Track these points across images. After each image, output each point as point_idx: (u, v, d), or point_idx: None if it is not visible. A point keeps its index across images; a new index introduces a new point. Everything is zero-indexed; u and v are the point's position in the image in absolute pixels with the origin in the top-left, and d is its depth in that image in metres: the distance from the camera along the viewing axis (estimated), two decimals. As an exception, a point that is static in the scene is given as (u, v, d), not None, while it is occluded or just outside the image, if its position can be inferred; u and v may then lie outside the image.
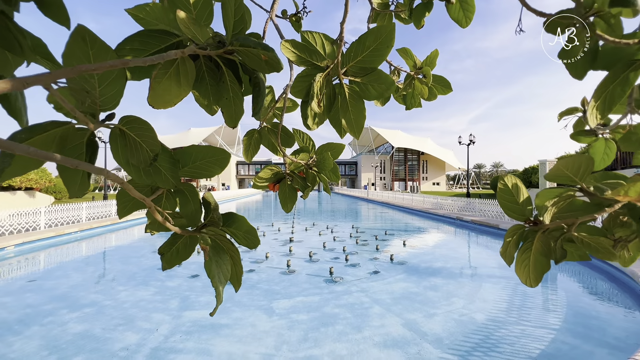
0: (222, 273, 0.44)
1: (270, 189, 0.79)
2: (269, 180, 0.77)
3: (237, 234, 0.52)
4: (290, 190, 0.76)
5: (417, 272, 6.38)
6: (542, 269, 0.43)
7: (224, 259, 0.46)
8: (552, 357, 3.30)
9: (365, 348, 3.48)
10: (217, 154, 0.47)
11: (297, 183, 0.76)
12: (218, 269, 0.44)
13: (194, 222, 0.49)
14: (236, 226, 0.52)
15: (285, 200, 0.77)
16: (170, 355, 3.36)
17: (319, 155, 0.73)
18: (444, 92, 0.83)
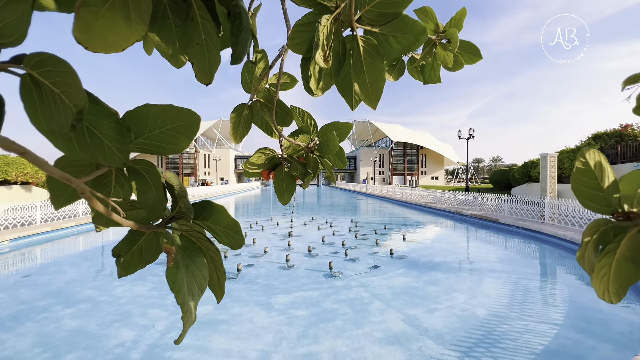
0: (196, 282, 0.34)
1: (264, 178, 0.68)
2: (262, 166, 0.66)
3: (215, 229, 0.40)
4: (287, 178, 0.65)
5: (417, 267, 6.32)
6: (627, 279, 0.32)
7: (198, 262, 0.35)
8: (556, 353, 3.24)
9: (366, 344, 3.42)
10: (183, 116, 0.33)
11: (295, 170, 0.65)
12: (190, 277, 0.33)
13: (156, 214, 0.37)
14: (214, 219, 0.40)
15: (281, 191, 0.66)
16: (166, 352, 3.29)
17: (322, 136, 0.61)
18: (471, 61, 0.71)
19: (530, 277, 5.79)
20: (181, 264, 0.32)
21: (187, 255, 0.35)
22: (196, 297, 0.34)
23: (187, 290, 0.32)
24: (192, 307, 0.33)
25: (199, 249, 0.37)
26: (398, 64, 0.71)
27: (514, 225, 10.53)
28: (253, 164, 0.65)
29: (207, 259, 0.37)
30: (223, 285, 0.40)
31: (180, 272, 0.32)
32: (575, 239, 7.76)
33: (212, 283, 0.38)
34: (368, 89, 0.45)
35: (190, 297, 0.33)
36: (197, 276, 0.35)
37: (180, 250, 0.34)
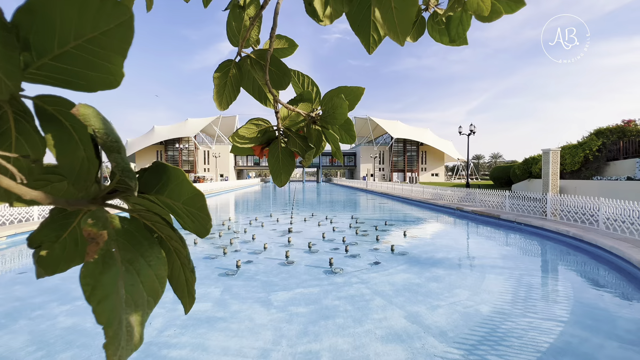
0: (144, 286, 0.23)
1: (256, 154, 0.57)
2: (254, 140, 0.55)
3: (174, 207, 0.28)
4: (284, 155, 0.55)
5: (418, 263, 6.24)
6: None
7: (150, 257, 0.25)
8: (562, 351, 3.16)
9: (367, 342, 3.34)
10: (107, 15, 0.20)
11: (294, 144, 0.54)
12: (132, 278, 0.23)
13: (83, 184, 0.25)
14: (171, 192, 0.27)
15: (277, 170, 0.55)
16: (163, 350, 3.20)
17: (328, 102, 0.51)
18: (511, 9, 0.60)
19: (533, 274, 5.71)
20: (117, 259, 0.22)
21: (130, 246, 0.25)
22: (142, 308, 0.24)
23: (124, 299, 0.22)
24: (134, 325, 0.22)
25: (153, 237, 0.27)
26: (417, 21, 0.60)
27: (515, 222, 10.44)
28: (243, 138, 0.54)
29: (166, 253, 0.27)
30: (193, 290, 0.30)
31: (110, 272, 0.21)
32: (578, 235, 7.67)
33: (177, 286, 0.29)
34: (393, 15, 0.33)
35: (131, 310, 0.23)
36: (147, 277, 0.25)
37: (120, 238, 0.24)
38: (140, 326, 0.23)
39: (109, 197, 0.25)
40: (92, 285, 0.19)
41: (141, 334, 0.23)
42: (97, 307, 0.20)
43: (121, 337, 0.21)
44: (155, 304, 0.25)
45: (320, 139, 0.53)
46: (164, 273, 0.26)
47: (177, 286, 0.30)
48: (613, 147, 16.94)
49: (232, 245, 7.81)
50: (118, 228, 0.23)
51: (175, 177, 0.25)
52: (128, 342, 0.22)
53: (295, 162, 0.57)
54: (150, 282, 0.25)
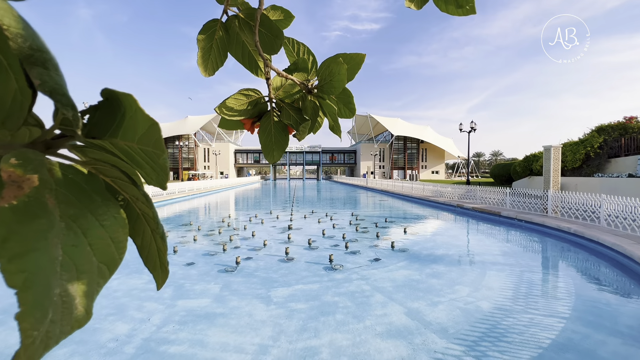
0: (94, 250, 0.19)
1: (246, 128, 0.52)
2: (244, 113, 0.50)
3: (129, 151, 0.23)
4: (277, 129, 0.50)
5: (419, 260, 6.21)
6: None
7: (103, 215, 0.20)
8: (564, 347, 3.14)
9: (367, 338, 3.31)
10: None
11: (288, 117, 0.50)
12: (76, 239, 0.17)
13: (16, 122, 0.20)
14: (125, 130, 0.22)
15: (269, 146, 0.51)
16: (162, 346, 3.18)
17: (325, 70, 0.46)
18: None
19: (534, 270, 5.68)
20: (53, 212, 0.18)
21: (76, 201, 0.20)
22: (89, 276, 0.19)
23: (60, 261, 0.18)
24: (76, 295, 0.18)
25: (107, 193, 0.22)
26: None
27: (516, 219, 10.41)
28: (231, 110, 0.49)
29: (135, 220, 0.23)
30: (165, 260, 0.26)
31: (36, 224, 0.16)
32: (579, 231, 7.64)
33: (148, 259, 0.25)
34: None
35: (71, 276, 0.18)
36: (98, 240, 0.20)
37: (62, 189, 0.19)
38: (86, 298, 0.19)
39: (53, 145, 0.21)
40: (3, 236, 0.15)
41: (87, 308, 0.19)
42: (8, 264, 0.16)
43: (48, 307, 0.16)
44: (110, 273, 0.21)
45: (317, 112, 0.48)
46: (123, 237, 0.22)
47: (149, 258, 0.26)
48: (614, 144, 16.86)
49: (231, 241, 7.79)
50: (58, 177, 0.19)
51: (130, 107, 0.20)
52: (64, 316, 0.17)
53: (289, 138, 0.53)
54: (103, 246, 0.21)
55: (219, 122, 0.52)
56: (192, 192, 24.45)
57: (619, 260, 6.01)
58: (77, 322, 0.18)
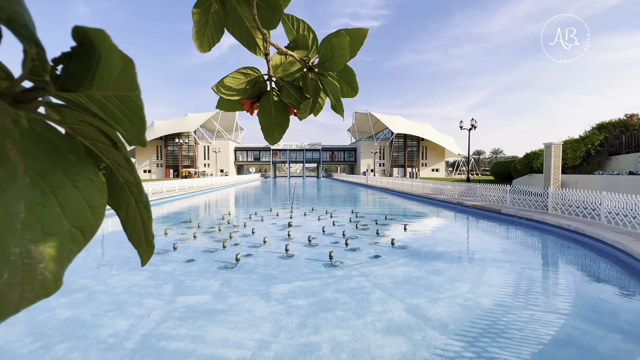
0: (66, 213, 0.17)
1: (245, 109, 0.51)
2: (242, 92, 0.48)
3: (105, 102, 0.21)
4: (277, 110, 0.48)
5: (419, 257, 6.21)
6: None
7: (80, 176, 0.18)
8: (564, 343, 3.13)
9: (367, 334, 3.31)
10: None
11: (288, 96, 0.48)
12: (42, 198, 0.15)
13: None
14: (100, 76, 0.20)
15: (269, 126, 0.49)
16: (162, 342, 3.18)
17: (326, 46, 0.44)
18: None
19: (534, 267, 5.67)
20: (16, 165, 0.16)
21: (45, 156, 0.18)
22: (60, 240, 0.17)
23: (23, 219, 0.16)
24: (42, 259, 0.16)
25: (85, 155, 0.20)
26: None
27: (516, 216, 10.40)
28: (229, 89, 0.47)
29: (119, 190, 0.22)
30: (150, 234, 0.24)
31: None
32: (579, 228, 7.63)
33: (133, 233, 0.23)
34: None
35: (36, 237, 0.16)
36: (71, 201, 0.18)
37: (27, 142, 0.17)
38: (55, 264, 0.17)
39: (23, 98, 0.19)
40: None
41: (56, 275, 0.17)
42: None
43: (2, 266, 0.15)
44: (85, 239, 0.19)
45: (318, 90, 0.46)
46: (101, 202, 0.20)
47: (133, 232, 0.24)
48: (615, 142, 16.82)
49: (231, 239, 7.78)
50: (25, 129, 0.17)
51: (103, 47, 0.18)
52: (25, 280, 0.16)
53: (289, 118, 0.51)
54: (77, 209, 0.19)
55: (217, 103, 0.51)
56: (192, 190, 24.44)
57: (619, 257, 6.00)
58: (43, 290, 0.16)
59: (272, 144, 0.52)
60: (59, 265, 0.17)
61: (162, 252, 6.46)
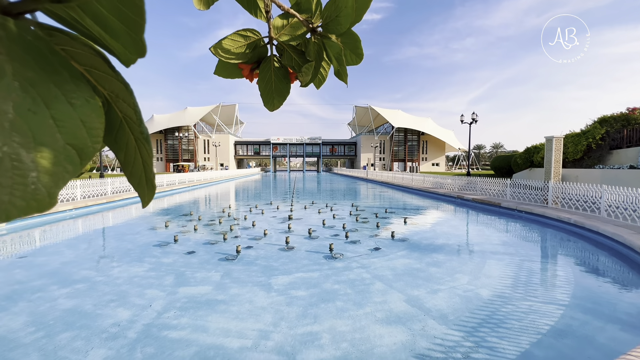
0: (60, 127, 0.15)
1: (244, 75, 0.49)
2: (242, 56, 0.46)
3: (100, 10, 0.19)
4: (278, 76, 0.47)
5: (419, 249, 6.23)
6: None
7: (74, 93, 0.17)
8: (563, 333, 3.16)
9: (367, 324, 3.33)
10: None
11: (289, 60, 0.46)
12: (32, 104, 0.13)
13: None
14: None
15: (269, 93, 0.48)
16: (163, 331, 3.20)
17: (330, 5, 0.42)
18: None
19: (533, 260, 5.69)
20: (3, 66, 0.15)
21: (35, 64, 0.17)
22: (53, 153, 0.16)
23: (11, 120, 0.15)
24: (33, 165, 0.15)
25: (79, 74, 0.19)
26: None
27: (516, 209, 10.41)
28: (227, 52, 0.46)
29: (119, 127, 0.20)
30: (151, 176, 0.22)
31: None
32: (579, 222, 7.64)
33: (133, 173, 0.21)
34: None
35: (26, 142, 0.14)
36: (65, 116, 0.17)
37: (15, 46, 0.16)
38: (49, 178, 0.16)
39: (11, 8, 0.17)
40: None
41: (50, 190, 0.16)
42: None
43: None
44: (81, 160, 0.18)
45: (321, 53, 0.45)
46: (98, 125, 0.19)
47: (133, 173, 0.23)
48: (616, 136, 16.76)
49: (232, 231, 7.81)
50: (13, 33, 0.16)
51: None
52: (15, 184, 0.14)
53: (290, 86, 0.50)
54: (71, 126, 0.17)
55: (215, 69, 0.49)
56: (192, 184, 24.45)
57: (619, 249, 6.02)
58: (36, 202, 0.15)
59: (271, 110, 0.50)
60: (53, 181, 0.16)
61: (163, 244, 6.48)
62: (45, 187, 0.15)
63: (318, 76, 0.48)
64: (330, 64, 0.48)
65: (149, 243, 6.63)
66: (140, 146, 0.22)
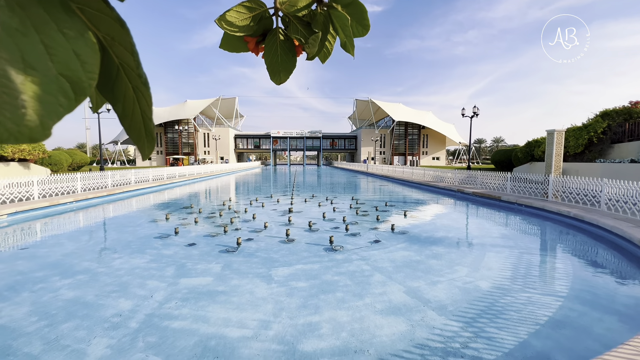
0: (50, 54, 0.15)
1: (250, 48, 0.48)
2: (247, 29, 0.45)
3: None
4: (283, 49, 0.46)
5: (418, 242, 6.25)
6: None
7: (67, 24, 0.14)
8: (560, 323, 3.18)
9: (367, 315, 3.36)
10: None
11: (295, 31, 0.45)
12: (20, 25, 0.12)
13: None
14: None
15: (275, 67, 0.47)
16: (165, 321, 3.23)
17: None
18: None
19: (532, 252, 5.72)
20: None
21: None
22: (45, 78, 0.14)
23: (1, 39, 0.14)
24: (21, 88, 0.14)
25: (71, 6, 0.17)
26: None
27: (516, 203, 10.42)
28: (231, 24, 0.44)
29: (116, 76, 0.19)
30: (151, 127, 0.21)
31: None
32: (579, 215, 7.65)
33: (132, 126, 0.20)
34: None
35: (15, 61, 0.14)
36: (56, 44, 0.15)
37: None
38: (40, 105, 0.15)
39: None
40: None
41: (42, 118, 0.15)
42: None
43: None
44: (76, 96, 0.17)
45: (327, 24, 0.43)
46: (92, 60, 0.18)
47: (132, 127, 0.22)
48: (618, 130, 16.67)
49: (232, 224, 7.83)
50: None
51: None
52: (5, 104, 0.14)
53: (296, 59, 0.49)
54: (64, 57, 0.16)
55: (221, 42, 0.48)
56: (192, 177, 24.44)
57: (618, 242, 6.04)
58: (28, 130, 0.14)
59: (278, 84, 0.49)
60: (46, 110, 0.15)
61: (163, 236, 6.50)
62: (37, 115, 0.15)
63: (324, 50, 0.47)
64: (336, 36, 0.46)
65: (150, 235, 6.66)
66: (139, 96, 0.21)
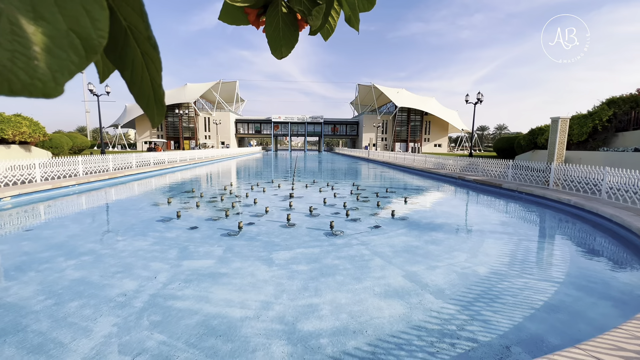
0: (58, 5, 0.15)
1: (251, 21, 0.47)
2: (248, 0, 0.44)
3: None
4: (285, 22, 0.44)
5: (418, 227, 6.30)
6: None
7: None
8: (556, 308, 3.25)
9: (366, 297, 3.43)
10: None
11: (298, 3, 0.44)
12: None
13: None
14: None
15: (277, 41, 0.45)
16: (168, 301, 3.31)
17: None
18: None
19: (531, 239, 5.77)
20: None
21: None
22: (53, 31, 0.13)
23: None
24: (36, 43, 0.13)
25: None
26: None
27: (517, 191, 10.43)
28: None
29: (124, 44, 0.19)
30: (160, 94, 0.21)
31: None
32: (579, 203, 7.67)
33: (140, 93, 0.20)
34: None
35: (27, 10, 0.14)
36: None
37: None
38: (51, 58, 0.15)
39: None
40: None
41: (55, 74, 0.15)
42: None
43: None
44: (86, 53, 0.16)
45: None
46: (102, 17, 0.17)
47: (141, 94, 0.21)
48: (624, 118, 16.44)
49: (234, 208, 7.88)
50: None
51: None
52: (18, 54, 0.13)
53: (299, 33, 0.47)
54: (74, 12, 0.16)
55: (220, 13, 0.46)
56: (193, 161, 24.43)
57: (617, 231, 6.08)
58: (41, 83, 0.14)
59: (279, 58, 0.48)
60: (58, 65, 0.15)
61: (166, 220, 6.57)
62: (49, 69, 0.14)
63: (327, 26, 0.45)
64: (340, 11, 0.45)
65: (152, 218, 6.72)
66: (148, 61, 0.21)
